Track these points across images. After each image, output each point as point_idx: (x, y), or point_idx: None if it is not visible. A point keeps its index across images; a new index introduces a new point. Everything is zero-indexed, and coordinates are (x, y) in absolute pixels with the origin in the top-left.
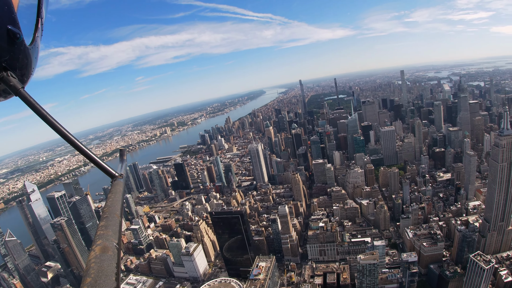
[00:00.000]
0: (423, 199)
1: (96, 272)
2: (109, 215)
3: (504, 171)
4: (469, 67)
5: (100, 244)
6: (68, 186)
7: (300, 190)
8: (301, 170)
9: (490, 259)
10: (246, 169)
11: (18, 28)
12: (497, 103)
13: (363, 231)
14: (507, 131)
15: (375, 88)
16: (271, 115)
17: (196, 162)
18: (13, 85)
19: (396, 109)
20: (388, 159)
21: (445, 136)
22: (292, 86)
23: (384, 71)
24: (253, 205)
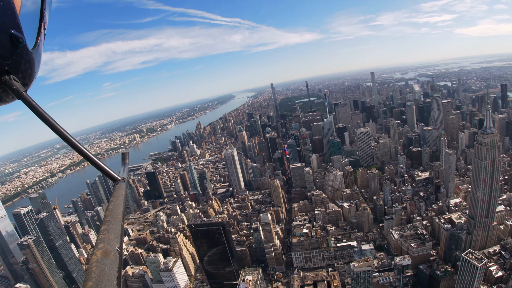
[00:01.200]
0: (404, 199)
1: (98, 276)
2: (111, 219)
3: (488, 168)
4: (434, 68)
5: (102, 248)
6: (34, 201)
7: (279, 195)
8: (279, 174)
9: (482, 257)
10: (220, 175)
11: (21, 32)
12: (466, 101)
13: (347, 234)
14: (490, 129)
15: (344, 90)
16: (242, 119)
17: (168, 169)
18: (16, 89)
19: (368, 110)
20: (364, 160)
21: (420, 135)
22: (261, 90)
23: (351, 74)
24: (231, 213)
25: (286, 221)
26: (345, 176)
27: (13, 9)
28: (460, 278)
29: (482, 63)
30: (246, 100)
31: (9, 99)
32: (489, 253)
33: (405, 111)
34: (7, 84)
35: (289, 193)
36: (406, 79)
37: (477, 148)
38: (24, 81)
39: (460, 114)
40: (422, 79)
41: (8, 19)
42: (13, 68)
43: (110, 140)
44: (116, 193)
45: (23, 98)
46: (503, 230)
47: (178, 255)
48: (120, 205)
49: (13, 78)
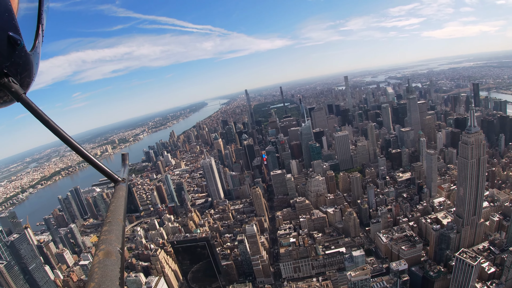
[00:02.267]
0: (388, 201)
1: (100, 277)
2: (112, 220)
3: (474, 167)
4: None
5: (104, 249)
6: (4, 220)
7: (262, 204)
8: (259, 182)
9: (476, 255)
10: (198, 185)
11: (19, 35)
12: (438, 102)
13: (335, 241)
14: (474, 128)
15: (317, 94)
16: (216, 126)
17: (143, 181)
18: (15, 91)
19: (343, 114)
20: (343, 164)
21: (398, 137)
22: (234, 96)
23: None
24: (212, 225)
25: (270, 230)
26: (327, 181)
27: (10, 11)
28: (455, 278)
29: (450, 64)
30: (219, 107)
31: (8, 101)
32: (479, 250)
33: (380, 113)
34: (5, 86)
35: (271, 201)
36: (377, 82)
37: (462, 147)
38: (23, 83)
39: (435, 114)
40: (393, 81)
41: (5, 21)
42: (11, 71)
43: None
44: (117, 194)
45: (22, 100)
46: (489, 226)
47: (160, 273)
48: (121, 206)
49: (12, 80)
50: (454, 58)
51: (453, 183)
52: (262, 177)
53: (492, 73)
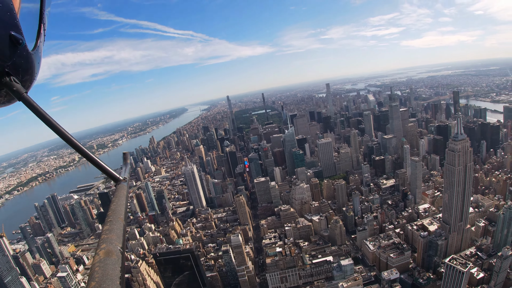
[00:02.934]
0: (373, 208)
1: (101, 276)
2: (113, 219)
3: (461, 174)
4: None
5: (104, 248)
6: None
7: (246, 213)
8: (242, 190)
9: (466, 261)
10: (179, 193)
11: (20, 34)
12: (418, 109)
13: (321, 249)
14: (461, 135)
15: (298, 101)
16: (197, 133)
17: None
18: (17, 90)
19: (325, 121)
20: (327, 171)
21: (380, 144)
22: (214, 102)
23: (303, 86)
24: (195, 235)
25: (255, 239)
26: (311, 188)
27: (12, 10)
28: (445, 285)
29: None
30: (200, 113)
31: (10, 100)
32: (466, 255)
33: (362, 121)
34: (7, 85)
35: (254, 208)
36: (357, 90)
37: (450, 154)
38: (25, 82)
39: (416, 121)
40: (372, 89)
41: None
42: (13, 70)
43: (59, 158)
44: (118, 193)
45: (24, 100)
46: (475, 232)
47: (141, 285)
48: (122, 205)
49: (14, 79)
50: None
51: (437, 189)
52: (245, 185)
53: (470, 81)
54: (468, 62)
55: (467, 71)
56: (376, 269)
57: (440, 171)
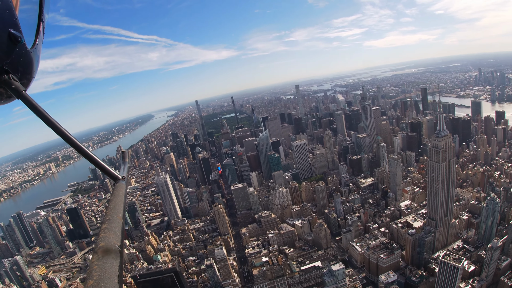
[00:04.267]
0: (355, 208)
1: (99, 274)
2: (111, 218)
3: (445, 170)
4: (348, 79)
5: (103, 247)
6: None
7: (225, 222)
8: (219, 198)
9: (459, 257)
10: (151, 204)
11: (19, 32)
12: (387, 107)
13: (308, 255)
14: (444, 132)
15: (266, 104)
16: (166, 140)
17: (91, 202)
18: (15, 88)
19: (296, 122)
20: (303, 173)
21: (355, 143)
22: (181, 108)
23: (270, 88)
24: (173, 249)
25: (237, 249)
26: (291, 192)
27: (11, 8)
28: (440, 281)
29: (392, 71)
30: (167, 119)
31: (9, 98)
32: (454, 249)
33: (334, 121)
34: (6, 83)
35: (232, 216)
36: (324, 90)
37: (433, 151)
38: (23, 80)
39: (387, 119)
40: (339, 89)
41: (6, 18)
42: (12, 68)
43: (23, 171)
44: (116, 192)
45: (22, 98)
46: (459, 225)
47: None
48: (121, 203)
49: (12, 77)
50: (396, 65)
51: (416, 185)
52: (221, 192)
53: (434, 78)
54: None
55: (429, 68)
56: (366, 270)
57: (416, 167)
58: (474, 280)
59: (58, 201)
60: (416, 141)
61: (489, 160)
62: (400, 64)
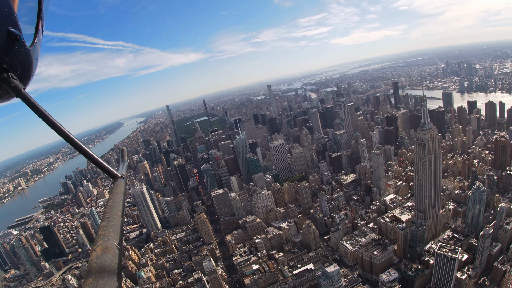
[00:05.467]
0: (340, 206)
1: (98, 272)
2: (110, 216)
3: (431, 162)
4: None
5: (102, 245)
6: None
7: (209, 230)
8: (199, 205)
9: (455, 247)
10: (128, 216)
11: (18, 30)
12: (359, 103)
13: (299, 258)
14: (428, 125)
15: (237, 106)
16: (138, 147)
17: (65, 217)
18: (14, 86)
19: (271, 122)
20: (283, 173)
21: (333, 140)
22: (150, 114)
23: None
24: (156, 263)
25: (223, 257)
26: (274, 194)
27: (10, 6)
28: (437, 273)
29: (360, 67)
30: (137, 126)
31: (8, 97)
32: (444, 239)
33: (309, 119)
34: (5, 81)
35: (214, 223)
36: (294, 89)
37: (419, 144)
38: (23, 78)
39: (362, 114)
40: (309, 87)
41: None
42: (11, 66)
43: None
44: (116, 190)
45: (21, 96)
46: (446, 215)
47: None
48: (120, 202)
49: (11, 75)
50: (363, 61)
51: (398, 178)
52: (200, 199)
53: (402, 72)
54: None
55: (396, 63)
56: (359, 268)
57: (396, 161)
58: (468, 268)
59: (30, 218)
60: (393, 135)
61: (466, 149)
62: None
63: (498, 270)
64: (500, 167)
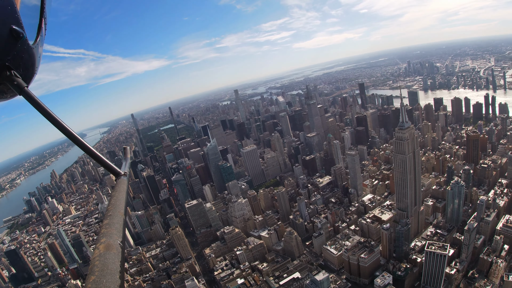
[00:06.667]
0: (319, 209)
1: (100, 270)
2: (113, 214)
3: (411, 161)
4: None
5: (104, 242)
6: None
7: (186, 245)
8: (172, 218)
9: (443, 244)
10: (96, 233)
11: (21, 28)
12: (327, 104)
13: (284, 267)
14: (407, 123)
15: (203, 112)
16: None
17: (31, 238)
18: (17, 85)
19: (239, 128)
20: (256, 179)
21: (305, 143)
22: (114, 123)
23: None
24: (133, 284)
25: (203, 272)
26: (250, 202)
27: (13, 4)
28: (427, 270)
29: (323, 70)
30: (100, 136)
31: (11, 95)
32: (428, 236)
33: (278, 123)
34: (8, 79)
35: (190, 235)
36: (259, 93)
37: (398, 144)
38: (25, 76)
39: (332, 116)
40: (274, 91)
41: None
42: (14, 64)
43: None
44: (118, 188)
45: (24, 94)
46: (426, 211)
47: None
48: (122, 199)
49: (14, 73)
50: (325, 64)
51: (373, 178)
52: (173, 211)
53: (365, 73)
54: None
55: (358, 64)
56: (346, 272)
57: (370, 160)
58: (456, 263)
59: None
60: (364, 135)
61: (437, 145)
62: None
63: (484, 261)
64: (473, 161)
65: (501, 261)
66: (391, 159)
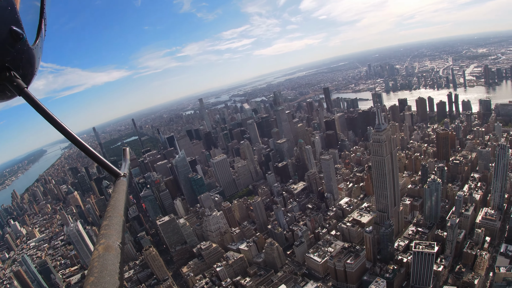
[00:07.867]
0: (297, 217)
1: (99, 271)
2: (112, 215)
3: (389, 162)
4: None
5: (103, 243)
6: None
7: (162, 265)
8: (144, 237)
9: (430, 243)
10: (64, 257)
11: (21, 28)
12: (292, 109)
13: (268, 280)
14: (383, 125)
15: (166, 122)
16: (65, 176)
17: None
18: (17, 85)
19: (206, 137)
20: (228, 190)
21: (275, 149)
22: None
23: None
24: None
25: None
26: (225, 214)
27: (13, 5)
28: (416, 270)
29: (285, 76)
30: (61, 152)
31: (10, 95)
32: (410, 235)
33: (246, 130)
34: (8, 80)
35: (164, 253)
36: (223, 102)
37: (375, 146)
38: (25, 77)
39: (300, 121)
40: (237, 99)
41: (8, 15)
42: (13, 65)
43: None
44: (118, 189)
45: (24, 95)
46: (404, 211)
47: None
48: (122, 200)
49: (14, 74)
50: (287, 70)
51: (347, 181)
52: (144, 229)
53: (327, 77)
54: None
55: (319, 69)
56: (332, 279)
57: (342, 163)
58: (441, 259)
59: None
60: (334, 139)
61: (406, 144)
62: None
63: (468, 255)
64: (444, 158)
65: (485, 253)
66: (363, 161)
